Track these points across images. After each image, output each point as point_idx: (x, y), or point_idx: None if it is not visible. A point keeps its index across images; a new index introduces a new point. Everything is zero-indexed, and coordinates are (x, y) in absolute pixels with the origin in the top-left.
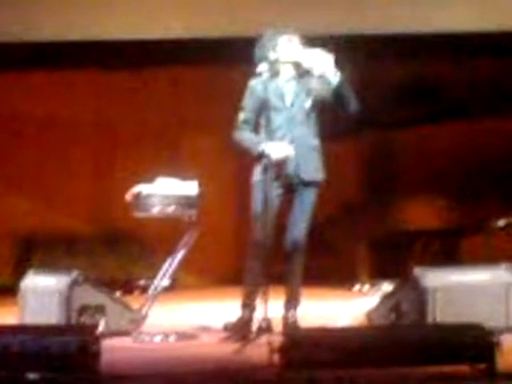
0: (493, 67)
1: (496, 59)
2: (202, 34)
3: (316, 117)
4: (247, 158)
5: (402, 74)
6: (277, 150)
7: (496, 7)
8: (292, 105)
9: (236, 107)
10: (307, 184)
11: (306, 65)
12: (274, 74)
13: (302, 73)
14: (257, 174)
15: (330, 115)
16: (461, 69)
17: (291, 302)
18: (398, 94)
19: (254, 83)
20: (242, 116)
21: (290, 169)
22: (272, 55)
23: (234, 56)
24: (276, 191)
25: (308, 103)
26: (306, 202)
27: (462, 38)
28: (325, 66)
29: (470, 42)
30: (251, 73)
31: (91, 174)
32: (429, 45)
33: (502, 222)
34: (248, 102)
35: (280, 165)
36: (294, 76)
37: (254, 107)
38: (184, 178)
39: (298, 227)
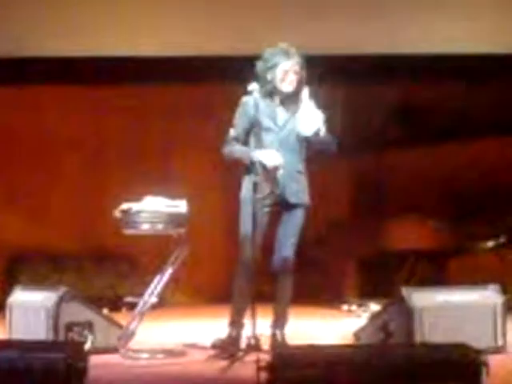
0: (480, 90)
1: (483, 82)
2: (193, 51)
3: (305, 143)
4: (236, 175)
5: (391, 96)
6: (269, 156)
7: (483, 30)
8: (283, 127)
9: (226, 124)
10: (294, 206)
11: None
12: (268, 93)
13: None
14: (245, 190)
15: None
16: (449, 90)
17: (279, 321)
18: (387, 115)
19: (246, 101)
20: (232, 132)
21: (278, 190)
22: (270, 75)
23: (225, 73)
24: (263, 210)
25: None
26: (293, 223)
27: (452, 60)
28: (313, 126)
29: (458, 65)
30: (242, 90)
31: (80, 191)
32: (417, 67)
33: (490, 243)
34: (239, 119)
35: (272, 171)
36: (287, 98)
37: (245, 125)
38: (173, 196)
39: (286, 247)
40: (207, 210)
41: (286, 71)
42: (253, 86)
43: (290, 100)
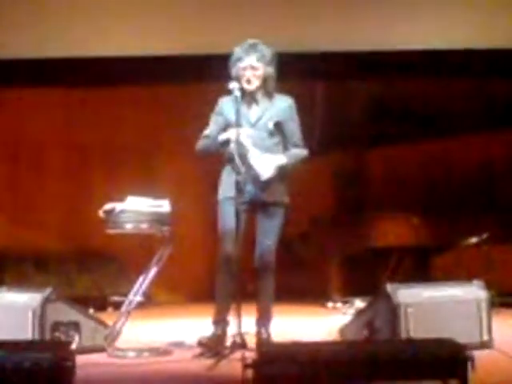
0: (461, 85)
1: (465, 77)
2: (179, 51)
3: (279, 139)
4: (218, 175)
5: (372, 92)
6: (232, 131)
7: (464, 25)
8: (255, 123)
9: (207, 124)
10: (271, 204)
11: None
12: (242, 92)
13: (268, 93)
14: (223, 190)
15: (303, 133)
16: (429, 86)
17: (263, 319)
18: (368, 111)
19: (222, 100)
20: (205, 131)
21: (252, 190)
22: (233, 73)
23: (212, 74)
24: (242, 207)
25: (271, 124)
26: (271, 222)
27: (430, 56)
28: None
29: (439, 60)
30: (224, 89)
31: (64, 192)
32: (397, 62)
33: (473, 240)
34: (213, 117)
35: (240, 147)
36: (258, 95)
37: (218, 123)
38: (157, 196)
39: (266, 245)
40: (190, 210)
41: (243, 68)
42: (233, 85)
43: (262, 96)
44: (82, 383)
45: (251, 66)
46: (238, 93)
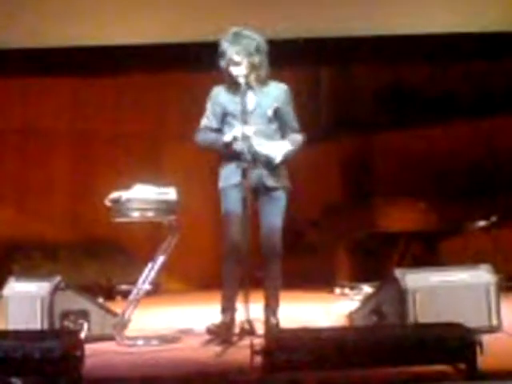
0: (472, 69)
1: (475, 61)
2: (183, 38)
3: (277, 126)
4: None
5: (381, 78)
6: (237, 130)
7: (474, 9)
8: (253, 111)
9: None
10: (273, 189)
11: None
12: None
13: (262, 81)
14: (225, 178)
15: (309, 119)
16: (438, 72)
17: (271, 306)
18: (377, 97)
19: (216, 89)
20: (203, 121)
21: (257, 176)
22: (222, 63)
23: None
24: (247, 193)
25: (270, 111)
26: (276, 204)
27: (439, 40)
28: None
29: (445, 45)
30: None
31: (72, 181)
32: (407, 48)
33: (481, 223)
34: (209, 107)
35: (246, 140)
36: (254, 83)
37: (215, 112)
38: (164, 184)
39: (272, 225)
40: (197, 197)
41: (229, 57)
42: (237, 72)
43: (257, 84)
44: (91, 372)
45: (233, 61)
46: (242, 80)
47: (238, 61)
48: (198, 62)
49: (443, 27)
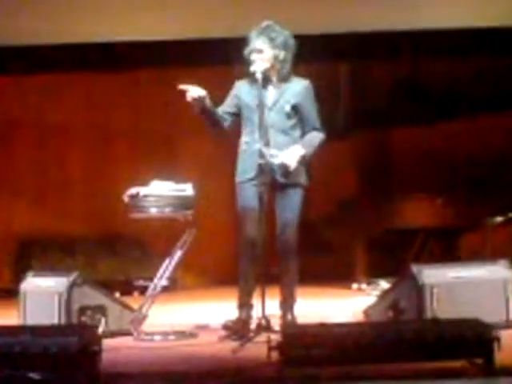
0: (492, 64)
1: (492, 56)
2: (197, 34)
3: (296, 121)
4: None
5: (397, 73)
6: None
7: (495, 4)
8: (272, 107)
9: None
10: (288, 186)
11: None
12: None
13: (283, 77)
14: (242, 172)
15: (327, 115)
16: (457, 67)
17: (287, 302)
18: (395, 92)
19: (239, 83)
20: (219, 110)
21: (273, 172)
22: (245, 51)
23: (231, 56)
24: (263, 188)
25: (288, 106)
26: (291, 199)
27: (456, 36)
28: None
29: (464, 40)
30: (247, 73)
31: (89, 177)
32: (426, 43)
33: (499, 219)
34: (228, 98)
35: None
36: (275, 78)
37: (231, 104)
38: (180, 180)
39: (287, 219)
40: (214, 193)
41: (250, 50)
42: (255, 67)
43: (278, 79)
44: (108, 367)
45: (257, 49)
46: (259, 75)
47: (261, 48)
48: (215, 57)
49: (462, 22)
